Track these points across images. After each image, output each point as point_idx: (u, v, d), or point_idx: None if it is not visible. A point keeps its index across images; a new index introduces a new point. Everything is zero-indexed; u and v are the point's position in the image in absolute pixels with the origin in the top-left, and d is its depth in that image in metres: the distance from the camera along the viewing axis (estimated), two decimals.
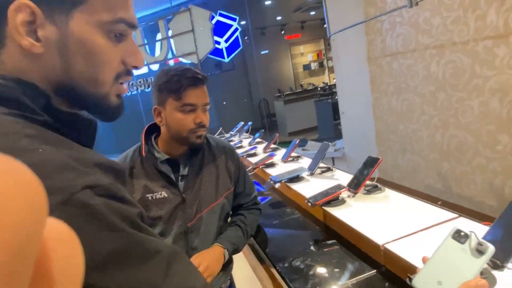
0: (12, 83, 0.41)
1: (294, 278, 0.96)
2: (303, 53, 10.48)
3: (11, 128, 0.38)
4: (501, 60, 2.12)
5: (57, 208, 0.33)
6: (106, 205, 0.36)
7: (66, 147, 0.40)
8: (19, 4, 0.39)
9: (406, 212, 1.10)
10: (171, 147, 1.12)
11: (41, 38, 0.42)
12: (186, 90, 1.04)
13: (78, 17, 0.43)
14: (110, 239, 0.36)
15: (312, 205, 1.21)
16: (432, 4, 2.48)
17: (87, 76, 0.45)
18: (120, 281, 0.35)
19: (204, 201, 1.12)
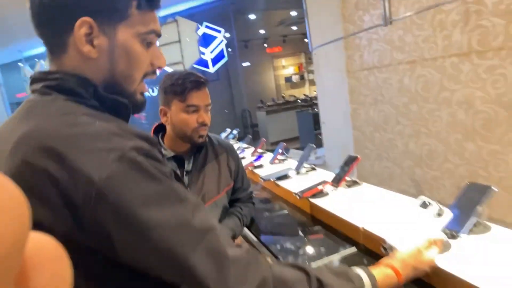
0: (68, 76, 0.56)
1: (286, 256, 1.10)
2: (285, 65, 10.79)
3: (72, 108, 0.53)
4: (466, 75, 2.36)
5: (114, 162, 0.47)
6: (147, 161, 0.50)
7: (114, 122, 0.54)
8: (82, 21, 0.54)
9: (380, 199, 1.27)
10: (176, 144, 1.22)
11: (96, 46, 0.56)
12: (190, 92, 1.14)
13: (122, 30, 0.57)
14: (152, 184, 0.49)
15: (300, 197, 1.36)
16: (405, 23, 2.72)
17: (125, 74, 0.60)
18: (160, 215, 0.49)
19: (207, 195, 1.21)
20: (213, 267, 0.50)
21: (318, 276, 0.60)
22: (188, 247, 0.49)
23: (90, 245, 0.48)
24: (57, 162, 0.46)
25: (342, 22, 3.43)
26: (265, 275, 0.55)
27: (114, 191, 0.47)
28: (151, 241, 0.48)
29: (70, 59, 0.56)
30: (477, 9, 2.19)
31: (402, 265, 0.71)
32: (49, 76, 0.56)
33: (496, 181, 2.28)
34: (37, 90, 0.56)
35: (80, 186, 0.46)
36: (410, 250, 0.73)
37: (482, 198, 0.88)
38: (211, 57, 5.68)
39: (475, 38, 2.24)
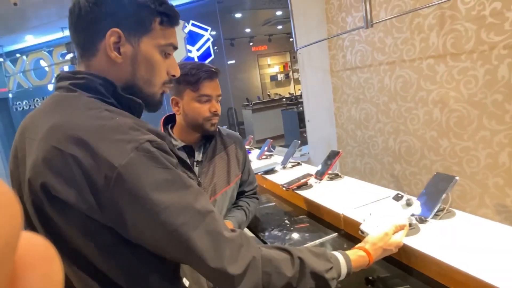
0: (93, 77, 0.65)
1: (273, 242, 1.19)
2: (270, 64, 10.87)
3: (95, 104, 0.62)
4: (441, 76, 2.50)
5: (132, 151, 0.56)
6: (159, 153, 0.59)
7: (131, 118, 0.63)
8: (112, 31, 0.64)
9: (360, 191, 1.38)
10: (187, 135, 1.23)
11: (122, 53, 0.66)
12: (203, 82, 1.15)
13: (145, 41, 0.67)
14: (162, 172, 0.58)
15: (286, 189, 1.46)
16: (385, 26, 2.85)
17: (145, 79, 0.70)
18: (169, 199, 0.57)
19: (218, 185, 1.23)
20: (211, 245, 0.59)
21: (300, 255, 0.69)
22: (190, 226, 0.58)
23: (105, 223, 0.56)
24: (83, 149, 0.54)
25: (326, 23, 3.54)
26: (255, 255, 0.63)
27: (131, 176, 0.54)
28: (160, 220, 0.56)
29: (99, 62, 0.66)
30: (451, 14, 2.33)
31: (372, 247, 0.82)
32: (76, 75, 0.65)
33: (469, 176, 2.43)
34: (63, 87, 0.65)
35: (102, 170, 0.54)
36: (380, 234, 0.84)
37: (447, 186, 0.99)
38: (198, 55, 5.72)
39: (450, 41, 2.38)
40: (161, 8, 0.67)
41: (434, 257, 0.84)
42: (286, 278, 0.65)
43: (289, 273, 0.66)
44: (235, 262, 0.60)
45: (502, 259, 0.79)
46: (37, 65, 6.49)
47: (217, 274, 0.60)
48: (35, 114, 0.66)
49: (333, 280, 0.71)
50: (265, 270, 0.63)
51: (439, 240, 0.91)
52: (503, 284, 0.70)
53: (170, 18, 0.69)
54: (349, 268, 0.76)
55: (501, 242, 0.86)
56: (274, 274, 0.64)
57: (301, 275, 0.67)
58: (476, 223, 0.98)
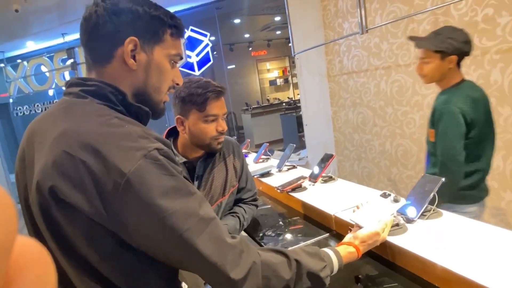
0: (103, 84, 0.68)
1: (267, 242, 1.22)
2: (270, 69, 10.94)
3: (106, 111, 0.65)
4: None
5: (141, 158, 0.59)
6: (166, 160, 0.61)
7: (139, 126, 0.66)
8: (131, 39, 0.67)
9: (352, 193, 1.41)
10: (190, 151, 1.23)
11: (137, 60, 0.69)
12: (210, 102, 1.14)
13: (157, 50, 0.71)
14: (169, 179, 0.60)
15: (281, 191, 1.49)
16: (381, 31, 2.89)
17: (155, 86, 0.73)
18: (175, 205, 0.60)
19: (214, 196, 1.24)
20: (214, 251, 0.61)
21: (296, 257, 0.72)
22: (195, 232, 0.60)
23: (110, 228, 0.58)
24: (93, 155, 0.57)
25: (323, 28, 3.59)
26: (255, 261, 0.66)
27: (139, 182, 0.57)
28: (165, 225, 0.58)
29: (113, 68, 0.69)
30: (445, 20, 2.38)
31: (361, 244, 0.86)
32: (87, 82, 0.68)
33: None
34: (73, 93, 0.67)
35: (112, 176, 0.56)
36: (371, 233, 0.88)
37: (434, 187, 1.02)
38: (197, 60, 5.77)
39: None
40: (172, 21, 0.72)
41: (420, 255, 0.87)
42: (284, 281, 0.68)
43: (287, 276, 0.68)
44: (237, 267, 0.63)
45: (483, 256, 0.82)
46: (37, 70, 6.54)
47: (220, 279, 0.62)
48: (44, 118, 0.68)
49: (327, 277, 0.75)
50: (264, 274, 0.66)
51: (425, 239, 0.94)
52: (483, 279, 0.73)
53: (178, 30, 0.73)
54: (340, 264, 0.80)
55: (483, 240, 0.89)
56: (273, 278, 0.67)
57: (298, 276, 0.70)
58: (461, 223, 1.01)
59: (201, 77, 1.25)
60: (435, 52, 1.51)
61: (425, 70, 1.56)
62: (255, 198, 1.42)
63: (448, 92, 1.56)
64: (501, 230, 0.93)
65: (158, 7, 0.71)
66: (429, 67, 1.54)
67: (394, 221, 0.98)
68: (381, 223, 0.90)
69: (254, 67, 10.64)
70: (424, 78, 1.59)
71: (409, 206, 1.05)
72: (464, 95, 1.52)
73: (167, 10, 0.73)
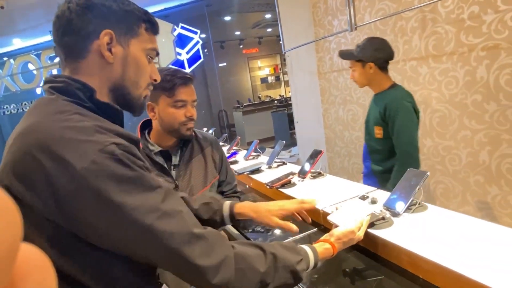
0: (70, 81, 0.67)
1: (256, 238, 1.23)
2: (261, 67, 10.94)
3: (67, 107, 0.65)
4: (423, 78, 2.57)
5: (96, 153, 0.57)
6: (124, 155, 0.60)
7: (102, 122, 0.65)
8: (106, 32, 0.67)
9: (340, 188, 1.42)
10: (163, 139, 1.26)
11: (113, 53, 0.69)
12: (178, 88, 1.18)
13: (133, 43, 0.72)
14: (127, 174, 0.59)
15: (270, 187, 1.49)
16: (370, 29, 2.91)
17: (133, 80, 0.73)
18: (134, 201, 0.58)
19: (195, 187, 1.26)
20: (181, 244, 0.60)
21: (272, 251, 0.72)
22: (158, 227, 0.59)
23: (68, 227, 0.57)
24: (47, 152, 0.56)
25: (313, 26, 3.60)
26: (228, 254, 0.65)
27: (94, 178, 0.55)
28: (125, 223, 0.57)
29: (88, 63, 0.68)
30: (432, 17, 2.41)
31: (337, 241, 0.87)
32: (56, 79, 0.67)
33: (451, 174, 2.50)
34: (46, 90, 0.67)
35: (65, 173, 0.55)
36: (346, 230, 0.89)
37: (419, 181, 1.04)
38: (187, 57, 5.74)
39: (431, 43, 2.46)
40: (145, 17, 0.73)
41: (405, 248, 0.88)
42: (259, 274, 0.67)
43: (262, 268, 0.68)
44: (207, 257, 0.62)
45: (468, 249, 0.84)
46: (25, 68, 6.43)
47: (189, 271, 0.61)
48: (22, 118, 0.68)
49: (303, 271, 0.75)
50: (238, 267, 0.65)
51: (410, 232, 0.95)
52: (467, 271, 0.74)
53: (153, 26, 0.75)
54: (316, 260, 0.80)
55: (468, 233, 0.91)
56: (247, 270, 0.66)
57: (274, 269, 0.70)
58: (446, 216, 1.02)
59: (173, 66, 1.28)
60: (356, 61, 1.82)
61: (355, 76, 1.84)
62: (235, 190, 1.45)
63: (387, 93, 1.78)
64: (485, 223, 0.95)
65: (131, 2, 0.72)
66: (356, 74, 1.83)
67: (380, 215, 0.99)
68: (356, 222, 0.91)
69: (245, 64, 10.63)
70: (356, 83, 1.87)
71: (395, 200, 1.06)
72: (405, 92, 1.77)
73: (139, 6, 0.74)
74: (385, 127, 1.72)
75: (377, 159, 1.84)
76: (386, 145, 1.75)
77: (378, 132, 1.76)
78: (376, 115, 1.76)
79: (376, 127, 1.77)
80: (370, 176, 1.93)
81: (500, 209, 2.23)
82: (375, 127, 1.77)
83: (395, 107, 1.67)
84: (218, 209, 1.02)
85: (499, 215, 2.25)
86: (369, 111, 1.92)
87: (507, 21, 1.96)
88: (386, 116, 1.70)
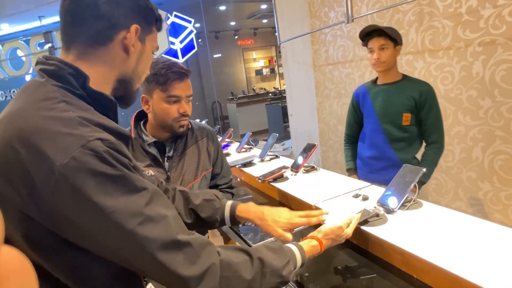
0: (63, 65, 0.62)
1: (248, 233, 1.20)
2: (256, 58, 10.85)
3: (54, 94, 0.59)
4: (419, 72, 2.54)
5: (78, 148, 0.52)
6: (108, 152, 0.55)
7: (90, 113, 0.60)
8: (136, 27, 0.66)
9: (333, 182, 1.39)
10: (158, 131, 1.23)
11: (134, 48, 0.68)
12: (172, 83, 1.14)
13: (148, 40, 0.71)
14: (110, 174, 0.54)
15: (262, 181, 1.46)
16: (366, 21, 2.87)
17: (139, 75, 0.73)
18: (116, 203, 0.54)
19: (186, 179, 1.24)
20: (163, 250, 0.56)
21: (259, 255, 0.69)
22: (139, 232, 0.55)
23: (46, 224, 0.53)
24: (26, 144, 0.52)
25: (309, 17, 3.55)
26: (214, 261, 0.62)
27: (73, 176, 0.51)
28: (104, 226, 0.53)
29: (107, 52, 0.65)
30: (430, 11, 2.37)
31: (324, 237, 0.85)
32: (48, 61, 0.62)
33: (444, 170, 2.49)
34: (37, 72, 0.63)
35: (43, 168, 0.50)
36: (334, 227, 0.86)
37: (415, 178, 1.01)
38: (181, 47, 5.64)
39: (428, 37, 2.43)
40: (157, 14, 0.74)
41: (399, 246, 0.86)
42: (245, 282, 0.65)
43: (248, 276, 0.65)
44: (191, 265, 0.58)
45: (462, 247, 0.82)
46: (13, 55, 6.28)
47: (172, 281, 0.58)
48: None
49: (291, 273, 0.73)
50: (224, 275, 0.62)
51: (404, 230, 0.93)
52: (460, 270, 0.72)
53: (161, 24, 0.75)
54: (303, 259, 0.78)
55: (462, 231, 0.89)
56: (233, 278, 0.63)
57: (261, 275, 0.67)
58: (441, 214, 1.00)
59: (170, 58, 1.24)
60: (391, 40, 1.81)
61: (385, 56, 1.78)
62: (231, 185, 1.41)
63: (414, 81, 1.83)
64: (481, 221, 0.94)
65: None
66: (388, 52, 1.79)
67: (373, 212, 0.97)
68: (345, 218, 0.88)
69: (240, 56, 10.53)
70: (380, 65, 1.80)
71: (389, 196, 1.04)
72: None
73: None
74: (416, 113, 1.77)
75: (401, 147, 1.83)
76: (411, 132, 1.80)
77: (406, 119, 1.77)
78: (404, 102, 1.76)
79: (405, 114, 1.77)
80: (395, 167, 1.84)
81: (491, 205, 2.23)
82: (404, 114, 1.77)
83: (431, 93, 1.75)
84: (220, 208, 0.99)
85: (490, 211, 2.25)
86: (385, 101, 1.85)
87: (505, 16, 1.93)
88: (421, 101, 1.74)
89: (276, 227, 0.92)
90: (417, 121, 1.80)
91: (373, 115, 1.87)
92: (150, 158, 1.22)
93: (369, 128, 1.92)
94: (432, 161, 1.80)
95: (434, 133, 1.79)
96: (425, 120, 1.77)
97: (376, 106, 1.85)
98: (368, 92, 1.92)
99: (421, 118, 1.77)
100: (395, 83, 1.81)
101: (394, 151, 1.83)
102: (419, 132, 1.83)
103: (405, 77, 1.85)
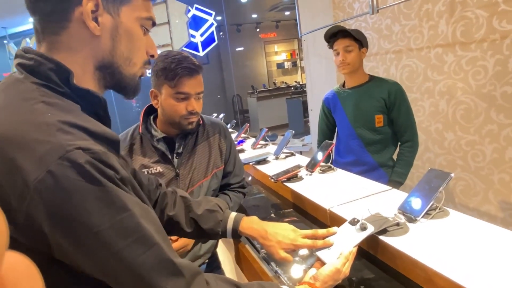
0: (42, 59, 0.54)
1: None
2: (277, 51, 10.72)
3: (32, 94, 0.52)
4: (449, 66, 2.39)
5: (55, 160, 0.45)
6: (91, 163, 0.47)
7: (73, 116, 0.52)
8: None
9: (351, 185, 1.30)
10: (167, 127, 1.19)
11: (100, 24, 0.56)
12: (181, 79, 1.09)
13: (125, 11, 0.59)
14: (92, 190, 0.47)
15: (275, 181, 1.39)
16: (393, 12, 2.72)
17: (125, 56, 0.61)
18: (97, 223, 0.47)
19: (196, 177, 1.20)
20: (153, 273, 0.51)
21: None
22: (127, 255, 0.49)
23: (23, 241, 0.47)
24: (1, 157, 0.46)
25: (332, 8, 3.41)
26: None
27: (49, 193, 0.45)
28: (86, 246, 0.47)
29: (70, 36, 0.56)
30: (462, 1, 2.21)
31: (322, 284, 0.75)
32: (26, 54, 0.55)
33: (473, 171, 2.34)
34: (15, 67, 0.56)
35: (17, 183, 0.45)
36: (331, 271, 0.76)
37: (442, 184, 0.91)
38: (201, 40, 5.61)
39: (459, 29, 2.26)
40: None
41: (421, 261, 0.77)
42: None
43: None
44: None
45: (494, 265, 0.72)
46: None
47: None
48: None
49: None
50: None
51: (428, 242, 0.83)
52: None
53: None
54: None
55: (495, 246, 0.79)
56: None
57: None
58: (470, 224, 0.90)
59: (182, 52, 1.17)
60: (355, 41, 1.79)
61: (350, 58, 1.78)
62: (243, 185, 1.35)
63: (381, 81, 1.84)
64: None
65: None
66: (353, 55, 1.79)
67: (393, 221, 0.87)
68: (341, 259, 0.79)
69: (262, 49, 10.42)
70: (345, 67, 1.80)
71: (412, 203, 0.94)
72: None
73: None
74: (387, 113, 1.79)
75: (377, 149, 1.84)
76: (385, 133, 1.82)
77: (379, 120, 1.79)
78: (374, 103, 1.78)
79: (377, 115, 1.79)
80: (373, 170, 1.87)
81: None
82: (376, 116, 1.79)
83: (400, 91, 1.79)
84: (223, 220, 0.93)
85: None
86: (355, 105, 1.85)
87: None
88: (391, 101, 1.76)
89: (278, 249, 0.85)
90: (389, 121, 1.82)
91: (345, 121, 1.88)
92: (159, 154, 1.18)
93: (343, 134, 1.92)
94: (408, 160, 1.81)
95: (407, 132, 1.80)
96: (396, 119, 1.79)
97: (347, 111, 1.86)
98: (338, 97, 1.91)
99: (392, 118, 1.80)
100: (363, 85, 1.83)
101: (370, 155, 1.84)
102: (393, 132, 1.85)
103: (372, 78, 1.86)
